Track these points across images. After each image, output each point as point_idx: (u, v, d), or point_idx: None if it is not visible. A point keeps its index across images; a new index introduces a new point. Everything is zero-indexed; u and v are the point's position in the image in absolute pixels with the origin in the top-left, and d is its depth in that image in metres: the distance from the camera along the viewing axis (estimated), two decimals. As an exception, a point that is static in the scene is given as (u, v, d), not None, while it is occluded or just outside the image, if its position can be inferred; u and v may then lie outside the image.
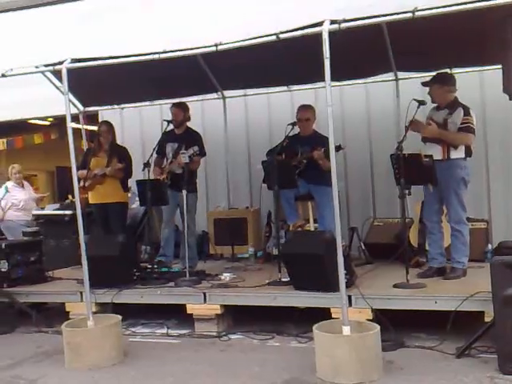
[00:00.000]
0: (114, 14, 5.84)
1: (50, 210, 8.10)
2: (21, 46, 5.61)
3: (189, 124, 6.46)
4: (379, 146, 7.00)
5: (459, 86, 5.15)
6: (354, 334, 3.78)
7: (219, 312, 4.98)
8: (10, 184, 8.47)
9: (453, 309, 4.22)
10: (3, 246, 5.95)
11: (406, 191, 4.82)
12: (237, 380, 3.83)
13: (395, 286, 4.71)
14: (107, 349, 4.34)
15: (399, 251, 5.21)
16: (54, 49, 5.16)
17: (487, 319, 4.03)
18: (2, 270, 5.85)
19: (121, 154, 6.51)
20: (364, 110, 7.32)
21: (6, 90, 6.60)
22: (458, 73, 5.92)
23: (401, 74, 6.70)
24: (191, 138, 6.20)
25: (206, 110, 7.90)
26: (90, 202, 6.63)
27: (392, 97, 6.92)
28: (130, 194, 6.86)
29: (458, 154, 4.96)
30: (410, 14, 3.86)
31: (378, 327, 3.84)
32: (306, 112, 6.04)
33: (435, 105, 5.17)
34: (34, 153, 13.47)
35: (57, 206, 8.49)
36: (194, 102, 7.08)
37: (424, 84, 5.20)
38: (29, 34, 5.94)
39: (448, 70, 6.02)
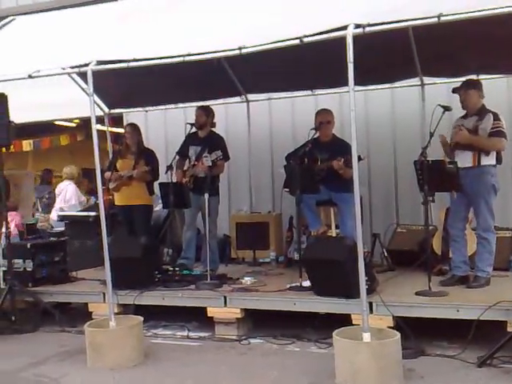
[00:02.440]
0: (140, 16, 5.89)
1: (74, 210, 8.19)
2: (48, 47, 5.68)
3: (214, 129, 6.48)
4: (403, 152, 6.93)
5: (487, 91, 5.10)
6: (374, 341, 3.75)
7: (239, 316, 4.99)
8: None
9: (475, 318, 4.15)
10: (28, 245, 6.05)
11: (430, 198, 4.78)
12: (256, 384, 3.83)
13: (417, 293, 4.66)
14: (128, 349, 4.38)
15: (422, 259, 5.15)
16: (81, 51, 5.21)
17: (510, 329, 3.98)
18: (27, 269, 5.94)
19: (148, 157, 6.56)
20: (389, 115, 7.26)
21: (34, 91, 6.70)
22: (484, 79, 5.84)
23: (426, 80, 6.65)
24: (214, 142, 6.22)
25: (229, 114, 7.92)
26: (116, 203, 6.69)
27: (417, 102, 6.86)
28: (153, 197, 6.90)
29: (489, 160, 4.89)
30: (435, 19, 3.82)
31: (398, 334, 3.81)
32: (326, 115, 6.01)
33: (462, 113, 5.10)
34: (59, 154, 13.63)
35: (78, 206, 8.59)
36: (217, 106, 7.11)
37: (455, 90, 5.11)
38: (56, 35, 6.01)
39: (474, 77, 5.96)
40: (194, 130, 6.26)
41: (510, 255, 5.85)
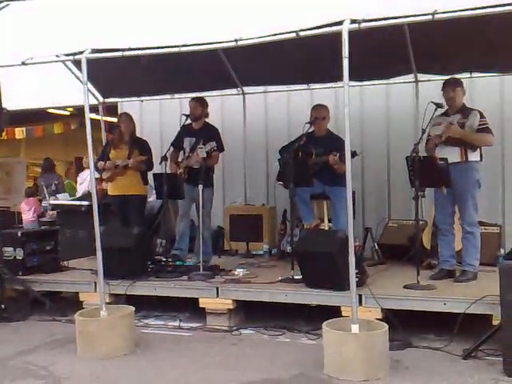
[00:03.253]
0: (136, 5, 5.87)
1: (65, 200, 8.19)
2: (42, 33, 5.65)
3: (207, 119, 6.49)
4: (397, 148, 6.97)
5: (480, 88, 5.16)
6: (362, 333, 3.80)
7: (231, 307, 5.02)
8: None
9: (461, 311, 4.23)
10: (19, 234, 6.03)
11: (421, 193, 4.84)
12: (246, 374, 3.87)
13: (405, 286, 4.72)
14: (119, 339, 4.40)
15: (411, 253, 5.21)
16: (76, 38, 5.19)
17: (495, 322, 4.04)
18: (18, 257, 5.93)
19: (142, 147, 6.55)
20: (383, 111, 7.30)
21: (27, 79, 6.67)
22: (478, 77, 5.90)
23: (421, 76, 6.68)
24: (209, 133, 6.23)
25: (225, 106, 7.93)
26: (109, 193, 6.67)
27: (411, 98, 6.90)
28: (147, 187, 6.91)
29: (475, 156, 4.99)
30: (429, 17, 3.85)
31: (386, 326, 3.87)
32: (322, 110, 6.04)
33: (441, 111, 5.14)
34: (53, 143, 13.60)
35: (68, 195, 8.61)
36: (213, 98, 7.11)
37: (444, 86, 5.15)
38: (50, 21, 5.98)
39: (468, 74, 6.02)
40: (188, 121, 6.26)
41: (498, 251, 5.94)
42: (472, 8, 3.74)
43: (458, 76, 5.44)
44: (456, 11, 3.79)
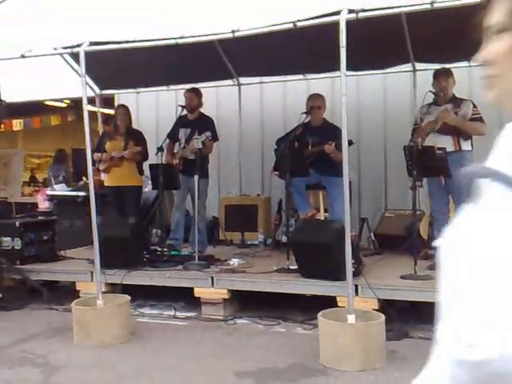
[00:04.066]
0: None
1: (62, 190, 8.19)
2: (41, 26, 5.64)
3: (202, 110, 6.48)
4: (394, 137, 6.95)
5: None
6: (358, 323, 3.81)
7: (226, 296, 5.04)
8: None
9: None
10: (17, 224, 6.05)
11: (418, 183, 4.84)
12: (241, 363, 3.89)
13: (402, 277, 4.72)
14: (115, 328, 4.42)
15: (408, 243, 5.22)
16: (73, 31, 5.18)
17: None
18: (16, 247, 5.94)
19: (137, 138, 6.55)
20: (380, 101, 7.28)
21: (24, 71, 6.65)
22: (477, 65, 5.87)
23: (418, 66, 6.67)
24: (204, 124, 6.23)
25: (220, 97, 7.91)
26: (106, 184, 6.68)
27: (409, 88, 6.89)
28: (143, 178, 6.91)
29: (467, 145, 5.04)
30: (428, 6, 3.85)
31: (382, 317, 3.87)
32: (318, 100, 6.02)
33: (428, 102, 5.14)
34: (50, 134, 13.57)
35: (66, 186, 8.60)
36: (208, 89, 7.09)
37: (436, 76, 5.17)
38: (49, 14, 5.96)
39: (466, 63, 6.00)
40: (184, 112, 6.26)
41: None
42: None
43: (456, 65, 5.44)
44: (455, 0, 3.78)
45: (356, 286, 4.45)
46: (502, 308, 0.72)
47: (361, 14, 3.94)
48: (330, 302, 4.50)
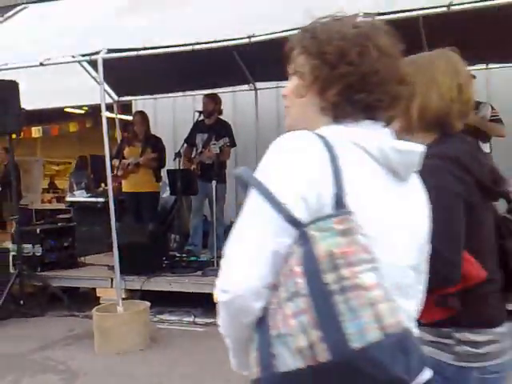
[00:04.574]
0: (151, 6, 5.90)
1: (82, 196, 8.25)
2: (59, 34, 5.70)
3: (221, 115, 6.50)
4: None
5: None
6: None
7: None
8: None
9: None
10: (38, 231, 6.10)
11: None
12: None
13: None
14: (135, 334, 4.43)
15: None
16: (92, 39, 5.24)
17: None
18: (36, 254, 6.00)
19: (155, 144, 6.59)
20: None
21: (44, 79, 6.73)
22: (494, 68, 5.84)
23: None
24: (221, 129, 6.25)
25: (237, 102, 7.92)
26: (124, 190, 6.73)
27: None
28: (160, 184, 6.94)
29: (486, 148, 4.93)
30: (444, 9, 3.82)
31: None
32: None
33: None
34: (68, 141, 13.70)
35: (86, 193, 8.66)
36: (226, 94, 7.11)
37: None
38: (67, 23, 6.03)
39: (484, 66, 5.95)
40: (202, 117, 6.28)
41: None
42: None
43: (473, 67, 5.38)
44: (471, 2, 3.76)
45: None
46: (241, 249, 1.04)
47: (377, 18, 3.92)
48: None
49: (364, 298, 0.92)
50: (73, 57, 5.10)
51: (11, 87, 5.48)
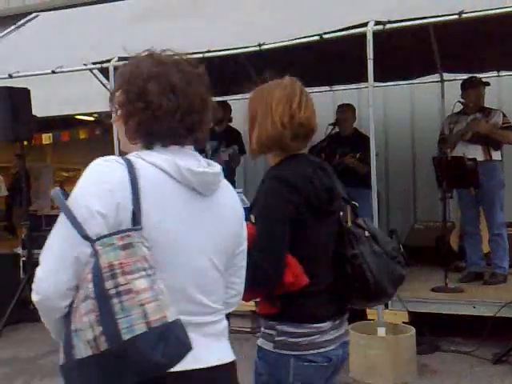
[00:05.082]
0: (163, 14, 5.93)
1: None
2: (71, 42, 5.75)
3: (232, 123, 6.50)
4: (422, 148, 6.89)
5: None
6: (388, 336, 3.77)
7: (254, 309, 5.02)
8: None
9: (491, 314, 4.16)
10: (47, 236, 6.11)
11: (448, 194, 4.77)
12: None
13: (433, 289, 4.66)
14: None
15: (440, 255, 5.14)
16: (102, 46, 5.27)
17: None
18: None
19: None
20: (408, 111, 7.23)
21: (55, 86, 6.78)
22: (505, 75, 5.82)
23: (446, 76, 6.61)
24: (231, 136, 6.24)
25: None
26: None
27: (437, 98, 6.83)
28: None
29: (497, 155, 4.91)
30: (456, 16, 3.82)
31: (413, 330, 3.83)
32: (345, 110, 5.93)
33: (456, 111, 5.01)
34: (77, 148, 13.76)
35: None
36: (235, 101, 7.12)
37: (471, 85, 5.06)
38: (78, 31, 6.08)
39: (495, 73, 5.94)
40: (212, 124, 6.30)
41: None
42: (498, 7, 3.70)
43: (484, 75, 5.38)
44: (482, 10, 3.75)
45: (386, 298, 4.40)
46: (48, 257, 1.31)
47: (388, 26, 3.94)
48: (358, 314, 4.45)
49: (134, 300, 1.14)
50: (84, 65, 5.14)
51: (23, 94, 5.53)
